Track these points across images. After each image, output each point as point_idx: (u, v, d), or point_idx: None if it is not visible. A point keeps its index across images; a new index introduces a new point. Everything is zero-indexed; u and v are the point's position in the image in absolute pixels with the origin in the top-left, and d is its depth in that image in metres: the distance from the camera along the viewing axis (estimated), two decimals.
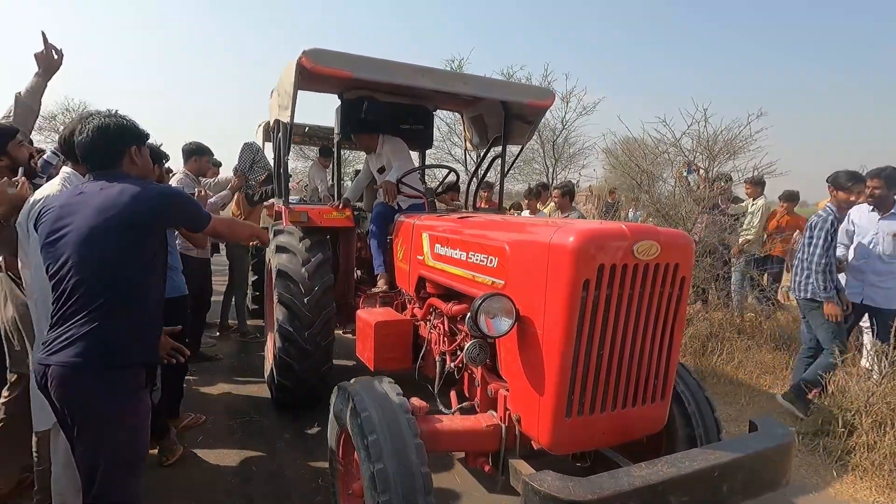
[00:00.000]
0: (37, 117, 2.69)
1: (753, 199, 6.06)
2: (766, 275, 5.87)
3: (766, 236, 6.02)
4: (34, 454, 2.19)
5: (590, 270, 1.64)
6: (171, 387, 3.10)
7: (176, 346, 1.99)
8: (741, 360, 4.60)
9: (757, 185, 5.96)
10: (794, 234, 5.71)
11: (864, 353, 3.81)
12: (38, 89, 2.60)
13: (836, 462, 3.11)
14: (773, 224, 6.09)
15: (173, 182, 4.26)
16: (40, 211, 1.72)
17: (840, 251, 3.85)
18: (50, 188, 2.07)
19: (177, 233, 3.18)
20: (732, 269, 5.87)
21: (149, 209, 1.63)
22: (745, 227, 5.93)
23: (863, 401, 3.31)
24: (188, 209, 1.79)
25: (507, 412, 1.96)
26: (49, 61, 2.61)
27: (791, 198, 6.22)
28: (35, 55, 2.58)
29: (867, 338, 3.84)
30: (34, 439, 2.18)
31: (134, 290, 1.62)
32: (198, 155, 4.26)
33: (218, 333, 5.29)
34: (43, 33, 2.56)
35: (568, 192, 5.23)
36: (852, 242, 3.87)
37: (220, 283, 5.40)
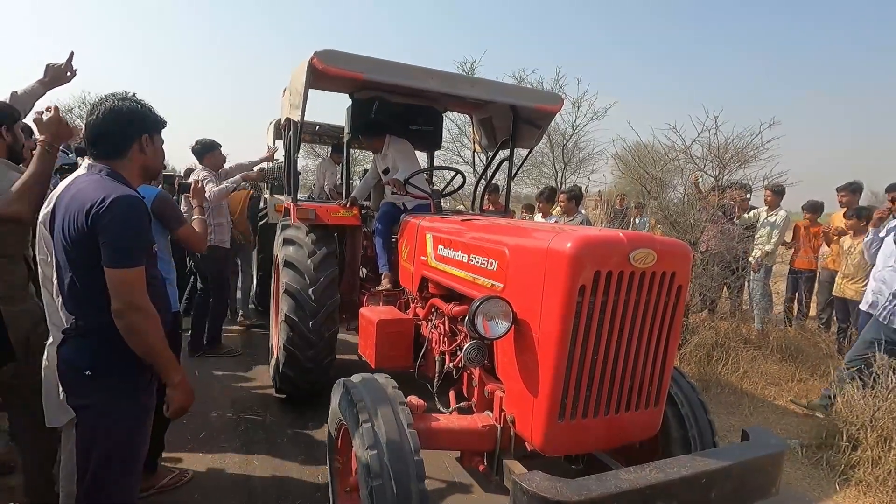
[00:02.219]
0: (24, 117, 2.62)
1: (771, 209, 5.79)
2: (797, 288, 5.76)
3: (796, 248, 5.85)
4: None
5: (586, 276, 1.66)
6: (151, 438, 2.72)
7: None
8: (746, 371, 4.56)
9: (777, 194, 5.73)
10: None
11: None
12: (35, 94, 2.54)
13: (839, 476, 3.08)
14: (810, 236, 5.87)
15: (193, 177, 4.36)
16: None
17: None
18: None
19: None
20: (753, 281, 5.76)
21: (78, 228, 1.48)
22: (764, 238, 5.71)
23: (868, 415, 3.28)
24: (114, 246, 1.48)
25: (503, 413, 1.99)
26: (58, 76, 2.56)
27: (815, 209, 6.07)
28: (48, 65, 2.54)
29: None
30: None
31: (100, 296, 1.51)
32: (209, 151, 4.45)
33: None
34: (72, 53, 2.55)
35: (574, 196, 5.27)
36: None
37: None
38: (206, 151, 4.44)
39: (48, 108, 1.90)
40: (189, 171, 5.45)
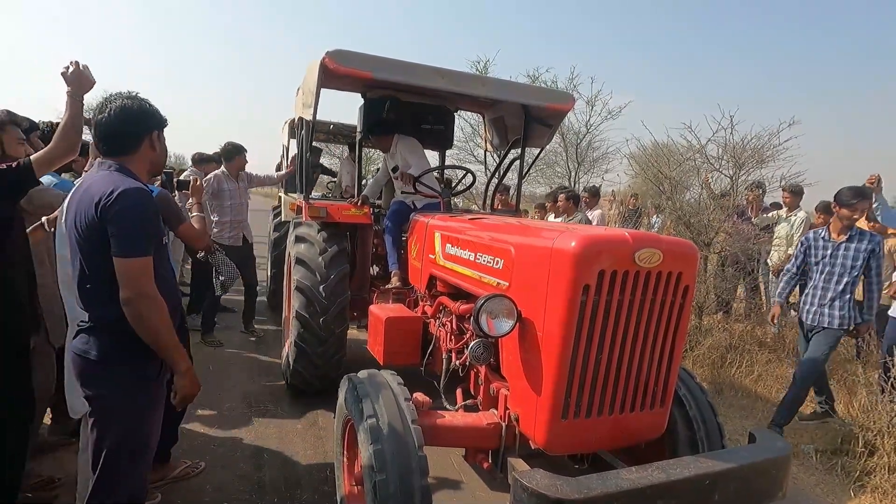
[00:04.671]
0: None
1: (790, 210, 5.67)
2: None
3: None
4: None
5: (590, 275, 1.66)
6: (164, 429, 2.56)
7: None
8: (761, 374, 4.49)
9: (796, 194, 5.61)
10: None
11: None
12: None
13: (855, 483, 3.02)
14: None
15: (210, 177, 4.80)
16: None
17: None
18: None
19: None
20: (773, 284, 5.65)
21: (88, 220, 1.54)
22: (783, 240, 5.59)
23: (886, 421, 3.21)
24: (122, 235, 1.53)
25: (507, 411, 2.00)
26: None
27: (828, 210, 5.95)
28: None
29: None
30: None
31: (109, 289, 1.55)
32: (238, 154, 4.93)
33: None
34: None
35: (572, 196, 5.30)
36: None
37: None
38: (236, 154, 4.91)
39: (71, 63, 1.98)
40: (181, 170, 5.83)
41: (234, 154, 4.89)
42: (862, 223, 5.37)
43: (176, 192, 4.11)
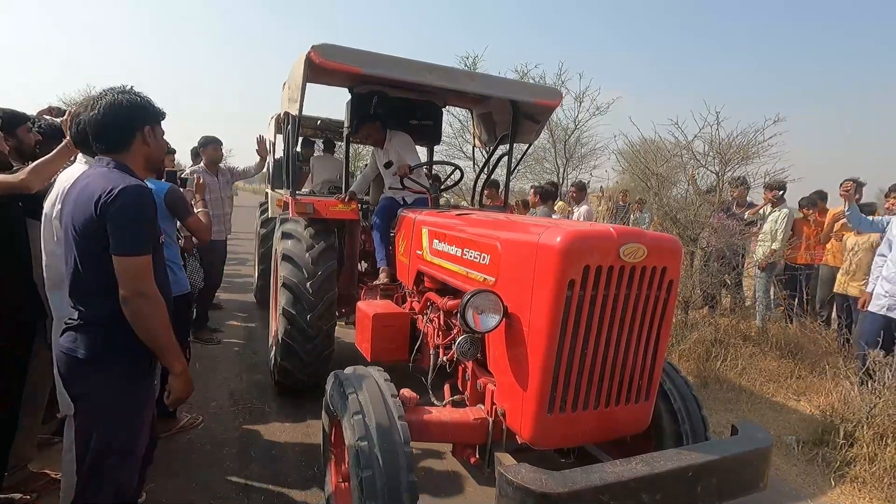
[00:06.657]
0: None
1: (773, 206, 5.75)
2: (794, 285, 5.72)
3: (797, 244, 5.80)
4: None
5: (575, 270, 1.67)
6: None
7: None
8: (745, 367, 4.56)
9: (780, 190, 5.68)
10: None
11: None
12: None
13: (835, 473, 3.08)
14: (811, 232, 5.81)
15: (186, 172, 4.64)
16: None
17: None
18: (73, 171, 2.07)
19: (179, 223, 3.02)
20: (757, 278, 5.72)
21: (86, 218, 1.52)
22: (767, 235, 5.67)
23: (864, 412, 3.28)
24: (122, 234, 1.51)
25: (494, 406, 2.00)
26: None
27: (822, 198, 5.99)
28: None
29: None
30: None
31: (105, 286, 1.54)
32: (210, 145, 4.89)
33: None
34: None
35: (540, 191, 5.42)
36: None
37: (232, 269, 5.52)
38: (207, 145, 4.91)
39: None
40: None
41: (203, 145, 4.93)
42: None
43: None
